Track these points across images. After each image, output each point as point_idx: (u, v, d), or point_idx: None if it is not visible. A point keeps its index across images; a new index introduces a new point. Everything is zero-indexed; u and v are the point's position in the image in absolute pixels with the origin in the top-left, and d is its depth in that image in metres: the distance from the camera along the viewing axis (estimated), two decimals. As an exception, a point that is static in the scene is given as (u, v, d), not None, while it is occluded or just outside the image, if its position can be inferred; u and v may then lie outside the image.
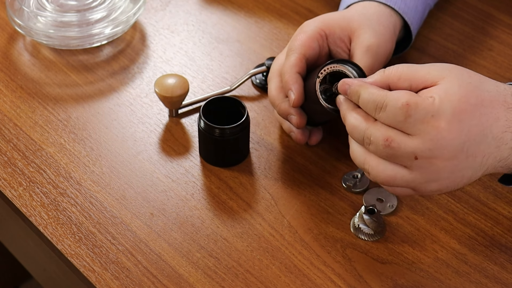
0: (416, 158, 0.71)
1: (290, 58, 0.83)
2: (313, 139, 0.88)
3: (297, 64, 0.83)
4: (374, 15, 0.88)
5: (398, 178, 0.72)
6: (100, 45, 1.02)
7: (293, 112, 0.83)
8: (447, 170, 0.71)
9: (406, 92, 0.71)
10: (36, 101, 0.94)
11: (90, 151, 0.89)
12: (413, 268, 0.78)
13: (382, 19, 0.88)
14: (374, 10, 0.89)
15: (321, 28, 0.85)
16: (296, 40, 0.85)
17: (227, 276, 0.78)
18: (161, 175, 0.86)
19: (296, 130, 0.86)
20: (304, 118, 0.83)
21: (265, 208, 0.83)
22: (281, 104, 0.84)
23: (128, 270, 0.78)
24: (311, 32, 0.85)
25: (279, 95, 0.84)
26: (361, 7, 0.90)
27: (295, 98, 0.81)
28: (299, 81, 0.82)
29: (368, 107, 0.73)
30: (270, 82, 0.86)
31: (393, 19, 0.90)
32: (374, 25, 0.86)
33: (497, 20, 1.06)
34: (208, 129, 0.85)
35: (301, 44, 0.84)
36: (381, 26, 0.87)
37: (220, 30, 1.04)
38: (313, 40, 0.84)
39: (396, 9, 0.90)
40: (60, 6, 1.02)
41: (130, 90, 0.96)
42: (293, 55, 0.83)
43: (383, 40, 0.86)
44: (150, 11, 1.07)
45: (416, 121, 0.70)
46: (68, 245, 0.80)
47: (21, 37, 1.03)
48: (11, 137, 0.90)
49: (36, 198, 0.84)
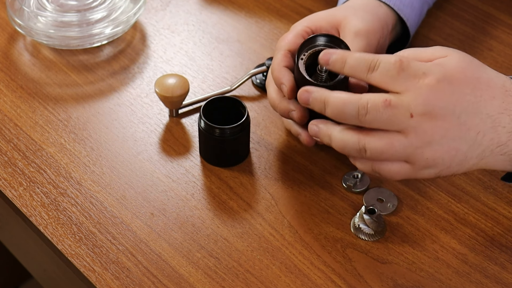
0: (411, 116, 0.71)
1: (277, 56, 0.84)
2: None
3: (282, 59, 0.83)
4: (361, 6, 0.89)
5: (396, 143, 0.72)
6: (100, 45, 1.02)
7: (293, 107, 0.83)
8: (439, 132, 0.72)
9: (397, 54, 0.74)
10: (37, 101, 0.94)
11: (90, 151, 0.89)
12: (413, 268, 0.78)
13: (369, 8, 0.89)
14: (361, 2, 0.90)
15: (306, 25, 0.86)
16: (281, 40, 0.85)
17: (228, 276, 0.78)
18: (162, 175, 0.86)
19: (304, 132, 0.85)
20: (304, 111, 0.82)
21: (265, 208, 0.83)
22: (280, 104, 0.84)
23: (128, 270, 0.78)
24: (296, 30, 0.85)
25: (277, 97, 0.84)
26: (350, 2, 0.91)
27: (288, 88, 0.81)
28: (288, 73, 0.82)
29: (358, 70, 0.74)
30: (268, 88, 0.86)
31: (382, 9, 0.90)
32: (361, 13, 0.87)
33: (497, 20, 1.06)
34: (209, 129, 0.85)
35: (287, 42, 0.84)
36: (368, 13, 0.88)
37: (220, 30, 1.04)
38: (298, 37, 0.85)
39: (392, 6, 0.90)
40: (61, 6, 1.02)
41: (131, 90, 0.96)
42: (279, 53, 0.84)
43: (371, 25, 0.87)
44: (150, 11, 1.07)
45: (409, 76, 0.71)
46: (69, 245, 0.80)
47: (22, 37, 1.03)
48: (12, 137, 0.90)
49: (37, 198, 0.84)
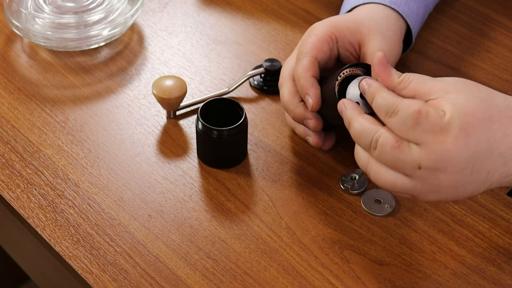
0: (419, 167, 0.70)
1: (303, 61, 0.82)
2: (326, 144, 0.87)
3: (310, 68, 0.82)
4: (383, 20, 0.87)
5: (398, 185, 0.72)
6: (98, 47, 1.01)
7: (310, 116, 0.82)
8: (449, 184, 0.71)
9: (419, 101, 0.71)
10: (34, 103, 0.94)
11: (88, 153, 0.89)
12: (411, 269, 0.78)
13: (390, 24, 0.88)
14: (382, 14, 0.88)
15: (331, 31, 0.84)
16: (306, 43, 0.84)
17: (225, 278, 0.77)
18: (159, 176, 0.86)
19: (313, 134, 0.85)
20: (321, 121, 0.83)
21: (263, 209, 0.83)
22: (296, 109, 0.83)
23: (126, 272, 0.78)
24: (322, 34, 0.84)
25: (293, 100, 0.84)
26: (369, 10, 0.89)
27: (314, 102, 0.81)
28: (315, 85, 0.81)
29: (380, 111, 0.73)
30: (282, 87, 0.85)
31: (399, 23, 0.90)
32: (384, 30, 0.86)
33: (495, 22, 1.06)
34: (206, 131, 0.85)
35: (312, 47, 0.83)
36: (390, 31, 0.87)
37: (218, 32, 1.04)
38: (324, 43, 0.84)
39: (400, 13, 0.90)
40: (58, 7, 1.02)
41: (128, 91, 0.96)
42: (305, 58, 0.83)
43: (393, 45, 0.86)
44: (148, 12, 1.07)
45: (424, 130, 0.69)
46: (66, 247, 0.80)
47: (19, 39, 1.03)
48: (9, 139, 0.90)
49: (34, 200, 0.84)
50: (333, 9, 1.06)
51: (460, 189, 0.72)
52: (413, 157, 0.70)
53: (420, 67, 0.99)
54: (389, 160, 0.71)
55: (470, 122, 0.69)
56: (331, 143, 0.88)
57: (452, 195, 0.72)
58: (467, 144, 0.69)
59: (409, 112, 0.70)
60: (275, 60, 0.96)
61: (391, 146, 0.71)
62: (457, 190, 0.72)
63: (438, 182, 0.71)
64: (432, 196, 0.72)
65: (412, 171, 0.71)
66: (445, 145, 0.69)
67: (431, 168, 0.70)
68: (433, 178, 0.70)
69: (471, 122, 0.69)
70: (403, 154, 0.70)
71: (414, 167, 0.70)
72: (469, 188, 0.72)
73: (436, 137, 0.69)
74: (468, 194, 0.72)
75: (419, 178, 0.71)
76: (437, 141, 0.69)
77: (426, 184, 0.71)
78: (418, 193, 0.72)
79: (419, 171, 0.70)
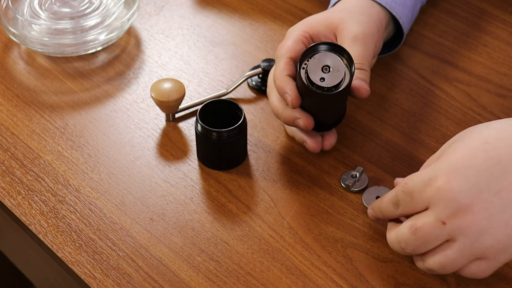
0: (443, 223, 0.69)
1: (278, 64, 0.84)
2: (326, 143, 0.87)
3: (285, 68, 0.83)
4: (355, 8, 0.89)
5: (449, 252, 0.70)
6: (95, 52, 1.01)
7: (298, 115, 0.83)
8: (482, 216, 0.68)
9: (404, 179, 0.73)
10: (33, 109, 0.94)
11: (88, 158, 0.89)
12: (414, 266, 0.78)
13: (363, 9, 0.89)
14: (354, 3, 0.90)
15: (304, 30, 0.86)
16: (281, 47, 0.85)
17: (229, 279, 0.77)
18: (160, 180, 0.86)
19: (309, 139, 0.85)
20: (310, 118, 0.83)
21: (264, 210, 0.83)
22: (284, 112, 0.84)
23: (129, 276, 0.78)
24: (295, 36, 0.85)
25: (280, 104, 0.84)
26: (342, 3, 0.91)
27: (292, 97, 0.81)
28: (290, 82, 0.82)
29: (390, 210, 0.74)
30: (270, 96, 0.86)
31: (375, 9, 0.90)
32: (356, 16, 0.87)
33: (491, 16, 1.06)
34: (206, 133, 0.85)
35: (287, 50, 0.84)
36: (363, 16, 0.87)
37: (214, 33, 1.04)
38: (297, 43, 0.85)
39: (383, 5, 0.90)
40: (54, 13, 1.02)
41: (127, 95, 0.96)
42: (281, 61, 0.84)
43: (368, 28, 0.86)
44: (144, 16, 1.07)
45: (420, 193, 0.70)
46: (69, 253, 0.80)
47: (16, 45, 1.03)
48: (9, 146, 0.90)
49: (35, 206, 0.84)
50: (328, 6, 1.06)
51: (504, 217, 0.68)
52: (431, 220, 0.69)
53: (418, 63, 0.99)
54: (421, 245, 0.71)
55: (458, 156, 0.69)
56: (332, 142, 0.87)
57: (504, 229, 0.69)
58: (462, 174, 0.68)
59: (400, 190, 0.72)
60: (272, 60, 0.96)
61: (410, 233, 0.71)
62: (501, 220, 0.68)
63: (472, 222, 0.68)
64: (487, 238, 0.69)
65: (444, 233, 0.69)
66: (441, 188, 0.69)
67: (451, 215, 0.68)
68: (462, 221, 0.68)
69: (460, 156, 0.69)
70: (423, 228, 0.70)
71: (440, 228, 0.69)
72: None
73: (431, 189, 0.69)
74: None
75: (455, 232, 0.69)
76: (434, 192, 0.69)
77: (464, 231, 0.69)
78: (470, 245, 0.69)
79: (448, 227, 0.69)
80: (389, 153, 0.89)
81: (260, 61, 0.98)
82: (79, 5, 1.03)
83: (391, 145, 0.89)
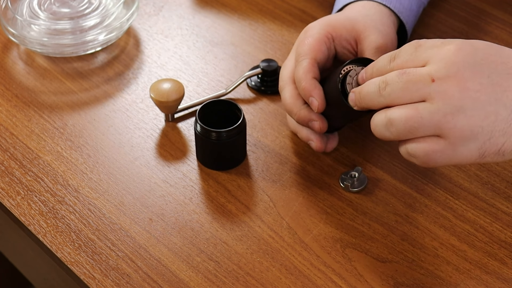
0: (433, 80, 0.69)
1: (302, 64, 0.82)
2: (329, 146, 0.87)
3: (310, 69, 0.82)
4: (376, 16, 0.88)
5: (420, 108, 0.69)
6: (94, 52, 1.01)
7: (315, 118, 0.82)
8: (470, 95, 0.69)
9: None
10: (32, 110, 0.94)
11: (87, 158, 0.89)
12: (414, 266, 0.78)
13: (384, 19, 0.88)
14: (375, 10, 0.89)
15: (327, 31, 0.85)
16: (304, 44, 0.84)
17: (228, 279, 0.77)
18: (159, 180, 0.86)
19: (316, 138, 0.85)
20: (325, 122, 0.82)
21: (263, 210, 0.83)
22: (301, 111, 0.83)
23: (128, 276, 0.78)
24: (318, 35, 0.84)
25: (296, 102, 0.83)
26: (362, 7, 0.89)
27: (319, 103, 0.80)
28: (318, 86, 0.81)
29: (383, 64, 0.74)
30: (283, 90, 0.85)
31: (392, 18, 0.90)
32: (379, 25, 0.86)
33: (491, 16, 1.06)
34: (205, 133, 0.85)
35: (311, 49, 0.83)
36: (385, 26, 0.87)
37: (214, 34, 1.04)
38: (321, 44, 0.84)
39: (392, 9, 0.90)
40: (53, 14, 1.02)
41: (126, 96, 0.96)
42: (305, 60, 0.82)
43: (389, 39, 0.86)
44: (143, 16, 1.07)
45: (426, 48, 0.71)
46: (68, 253, 0.80)
47: (15, 46, 1.03)
48: (8, 146, 0.90)
49: (35, 207, 0.84)
50: (328, 7, 1.06)
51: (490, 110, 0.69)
52: (423, 72, 0.70)
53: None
54: (401, 90, 0.70)
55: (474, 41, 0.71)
56: (334, 145, 0.87)
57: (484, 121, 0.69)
58: (473, 51, 0.70)
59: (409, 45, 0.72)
60: (272, 60, 0.96)
61: (397, 74, 0.71)
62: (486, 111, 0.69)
63: (458, 92, 0.69)
64: (462, 119, 0.69)
65: (427, 88, 0.69)
66: (449, 50, 0.70)
67: (444, 76, 0.69)
68: (450, 87, 0.69)
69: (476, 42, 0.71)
70: (412, 75, 0.70)
71: (427, 81, 0.69)
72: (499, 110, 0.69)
73: (439, 48, 0.70)
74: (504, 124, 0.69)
75: (437, 94, 0.69)
76: (441, 51, 0.70)
77: (446, 99, 0.69)
78: (444, 115, 0.69)
79: (434, 85, 0.69)
80: (388, 153, 0.89)
81: (260, 61, 0.98)
82: (78, 5, 1.03)
83: (390, 145, 0.89)
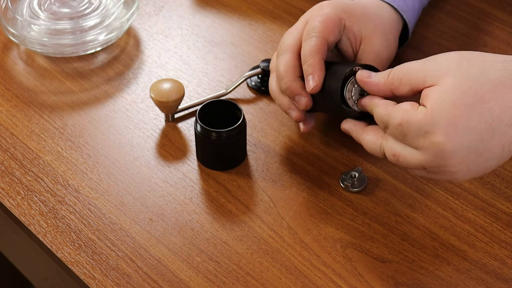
0: (424, 168, 0.73)
1: (315, 41, 0.80)
2: (306, 126, 0.86)
3: (320, 49, 0.80)
4: (388, 21, 0.87)
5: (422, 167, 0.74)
6: (94, 52, 1.01)
7: (305, 94, 0.81)
8: (462, 171, 0.72)
9: (400, 110, 0.72)
10: (32, 110, 0.94)
11: (87, 158, 0.89)
12: (414, 266, 0.78)
13: (393, 27, 0.88)
14: (388, 15, 0.88)
15: (342, 15, 0.83)
16: (316, 20, 0.81)
17: (228, 279, 0.78)
18: (159, 180, 0.86)
19: (297, 109, 0.83)
20: (311, 101, 0.82)
21: (264, 210, 0.83)
22: (292, 83, 0.81)
23: (128, 276, 0.78)
24: (335, 16, 0.82)
25: (290, 72, 0.81)
26: (377, 7, 0.87)
27: (316, 85, 0.79)
28: (322, 69, 0.80)
29: (379, 124, 0.76)
30: (281, 56, 0.82)
31: (400, 26, 0.90)
32: (387, 32, 0.86)
33: (491, 16, 1.06)
34: (205, 133, 0.85)
35: (325, 27, 0.81)
36: (391, 35, 0.87)
37: (214, 34, 1.04)
38: (335, 26, 0.82)
39: (396, 8, 0.89)
40: (54, 14, 1.02)
41: (126, 96, 0.96)
42: (318, 38, 0.80)
43: (391, 47, 0.87)
44: (143, 16, 1.07)
45: (413, 138, 0.71)
46: (68, 253, 0.80)
47: (15, 46, 1.03)
48: (8, 146, 0.90)
49: (35, 207, 0.84)
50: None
51: (481, 169, 0.72)
52: (415, 161, 0.72)
53: (417, 63, 0.99)
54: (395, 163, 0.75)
55: (457, 113, 0.69)
56: (311, 127, 0.86)
57: (476, 174, 0.73)
58: (459, 135, 0.69)
59: (395, 126, 0.73)
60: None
61: (391, 159, 0.74)
62: (477, 171, 0.73)
63: (450, 174, 0.72)
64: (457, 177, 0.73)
65: (419, 172, 0.74)
66: (437, 145, 0.70)
67: (436, 166, 0.72)
68: (441, 172, 0.72)
69: (458, 113, 0.69)
70: (404, 163, 0.74)
71: (420, 169, 0.73)
72: (489, 165, 0.72)
73: (426, 140, 0.70)
74: (490, 169, 0.73)
75: (430, 172, 0.73)
76: (428, 144, 0.70)
77: (440, 175, 0.73)
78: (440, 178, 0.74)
79: (426, 171, 0.73)
80: (388, 153, 0.89)
81: (260, 61, 0.98)
82: (79, 5, 1.03)
83: (391, 145, 0.89)
